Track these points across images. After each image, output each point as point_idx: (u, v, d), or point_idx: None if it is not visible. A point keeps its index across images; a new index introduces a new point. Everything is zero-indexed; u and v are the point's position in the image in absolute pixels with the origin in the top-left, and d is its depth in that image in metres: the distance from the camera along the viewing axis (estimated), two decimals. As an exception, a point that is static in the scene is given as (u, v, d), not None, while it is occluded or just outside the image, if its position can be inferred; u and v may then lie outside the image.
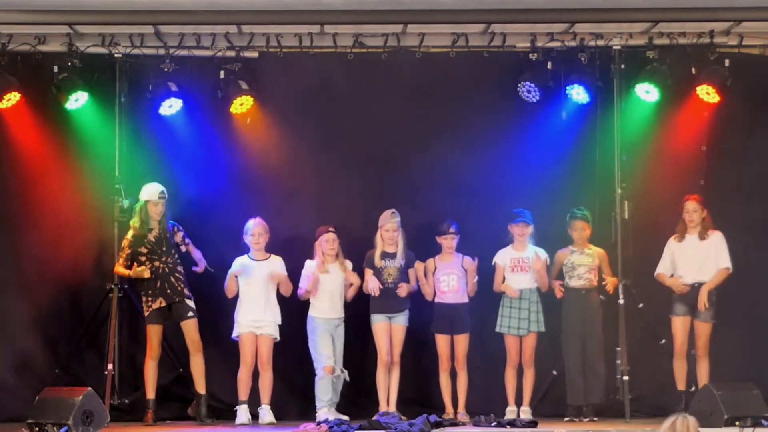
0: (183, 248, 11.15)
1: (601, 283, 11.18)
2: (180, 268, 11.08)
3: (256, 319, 11.03)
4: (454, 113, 11.71)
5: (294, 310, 11.19)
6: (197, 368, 11.06)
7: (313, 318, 11.07)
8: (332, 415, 10.71)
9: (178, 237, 11.14)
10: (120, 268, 11.08)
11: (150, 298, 10.99)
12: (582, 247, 11.25)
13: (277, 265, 11.16)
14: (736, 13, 10.93)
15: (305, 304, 11.10)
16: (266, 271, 11.08)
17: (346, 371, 11.01)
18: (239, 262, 11.12)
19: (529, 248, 11.19)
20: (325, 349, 10.96)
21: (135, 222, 11.04)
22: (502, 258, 11.22)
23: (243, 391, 11.03)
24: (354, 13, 10.80)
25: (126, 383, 11.37)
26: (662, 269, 11.22)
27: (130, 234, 11.06)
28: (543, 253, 11.18)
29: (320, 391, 10.96)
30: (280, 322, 11.10)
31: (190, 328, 11.03)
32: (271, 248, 11.23)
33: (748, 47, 11.60)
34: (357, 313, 11.17)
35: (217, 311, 11.22)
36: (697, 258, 11.09)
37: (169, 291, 10.99)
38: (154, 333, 10.98)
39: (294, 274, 11.15)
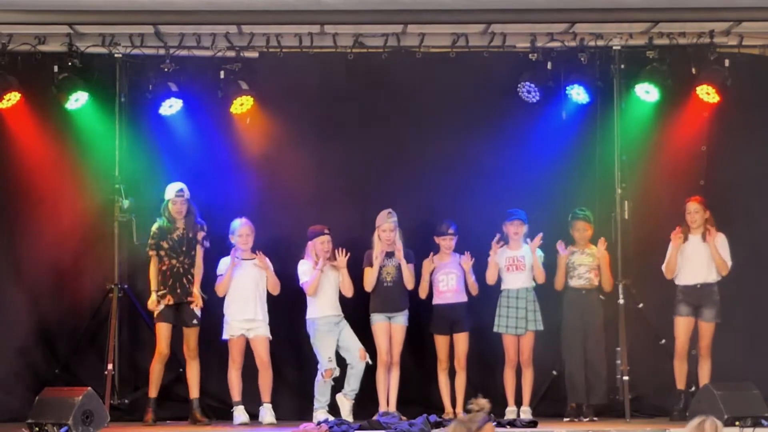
0: (202, 246, 11.13)
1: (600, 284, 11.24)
2: (193, 269, 11.08)
3: (247, 319, 11.04)
4: (454, 113, 11.71)
5: (290, 309, 11.21)
6: (192, 373, 11.08)
7: (311, 320, 11.07)
8: (325, 416, 10.74)
9: (200, 235, 11.12)
10: (152, 272, 11.03)
11: (161, 294, 11.00)
12: (583, 247, 11.25)
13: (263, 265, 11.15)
14: (736, 13, 10.92)
15: (301, 303, 11.10)
16: (255, 270, 11.09)
17: (337, 368, 11.01)
18: (226, 262, 11.12)
19: (524, 247, 11.19)
20: (326, 351, 10.96)
21: (162, 221, 11.08)
22: (497, 257, 11.21)
23: (235, 391, 11.04)
24: (354, 13, 10.79)
25: (126, 383, 11.37)
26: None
27: (155, 225, 11.06)
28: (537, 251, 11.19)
29: (318, 392, 10.98)
30: (267, 320, 11.10)
31: (190, 335, 11.05)
32: (268, 248, 11.23)
33: (748, 47, 11.60)
34: (356, 314, 11.17)
35: (217, 311, 11.21)
36: (701, 259, 11.08)
37: (179, 290, 11.00)
38: (162, 332, 10.97)
39: (290, 272, 11.15)
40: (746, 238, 11.44)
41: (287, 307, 11.23)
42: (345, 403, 10.98)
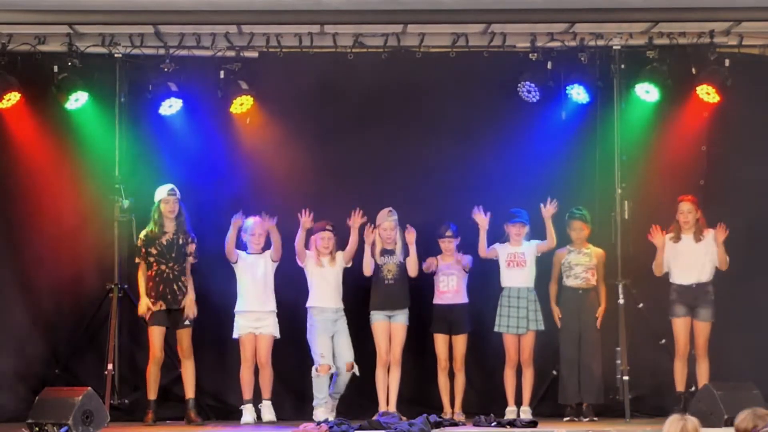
0: (191, 260, 11.10)
1: (598, 285, 11.25)
2: (185, 278, 11.05)
3: (256, 318, 11.05)
4: (454, 113, 11.71)
5: (291, 307, 11.20)
6: (187, 374, 11.08)
7: (311, 312, 11.07)
8: (324, 414, 10.75)
9: (191, 248, 11.08)
10: (140, 278, 11.04)
11: (152, 300, 10.99)
12: (580, 246, 11.26)
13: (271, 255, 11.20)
14: (736, 13, 10.93)
15: (303, 300, 11.10)
16: (262, 265, 11.09)
17: (334, 366, 11.00)
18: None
19: (524, 244, 11.21)
20: (321, 348, 10.96)
21: (150, 227, 11.03)
22: (498, 251, 11.24)
23: (246, 390, 11.05)
24: (354, 13, 10.80)
25: (126, 383, 11.38)
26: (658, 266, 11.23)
27: (143, 233, 11.04)
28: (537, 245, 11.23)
29: (315, 388, 10.98)
30: (275, 310, 11.10)
31: (183, 336, 11.05)
32: (266, 246, 11.23)
33: (748, 47, 11.60)
34: (356, 313, 11.17)
35: (219, 311, 11.22)
36: (694, 259, 11.09)
37: (169, 297, 10.98)
38: (154, 335, 10.95)
39: (290, 272, 11.16)
40: (745, 238, 11.44)
41: (286, 305, 11.22)
42: (329, 400, 11.01)
